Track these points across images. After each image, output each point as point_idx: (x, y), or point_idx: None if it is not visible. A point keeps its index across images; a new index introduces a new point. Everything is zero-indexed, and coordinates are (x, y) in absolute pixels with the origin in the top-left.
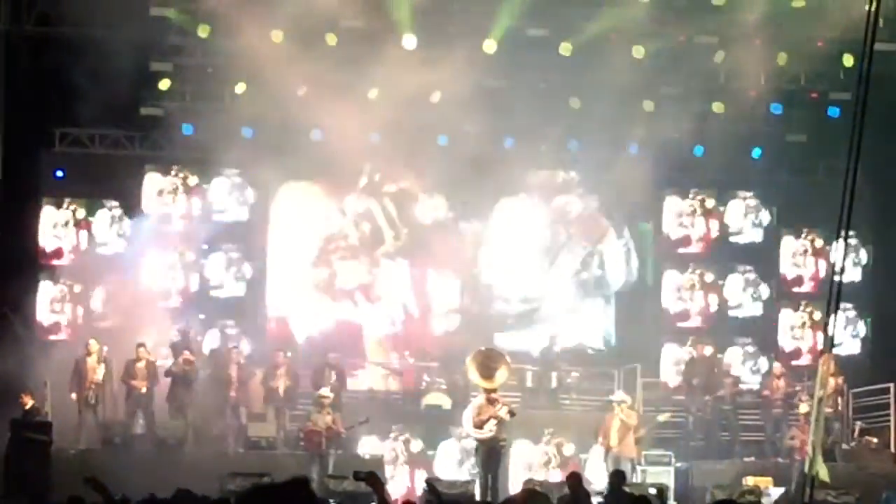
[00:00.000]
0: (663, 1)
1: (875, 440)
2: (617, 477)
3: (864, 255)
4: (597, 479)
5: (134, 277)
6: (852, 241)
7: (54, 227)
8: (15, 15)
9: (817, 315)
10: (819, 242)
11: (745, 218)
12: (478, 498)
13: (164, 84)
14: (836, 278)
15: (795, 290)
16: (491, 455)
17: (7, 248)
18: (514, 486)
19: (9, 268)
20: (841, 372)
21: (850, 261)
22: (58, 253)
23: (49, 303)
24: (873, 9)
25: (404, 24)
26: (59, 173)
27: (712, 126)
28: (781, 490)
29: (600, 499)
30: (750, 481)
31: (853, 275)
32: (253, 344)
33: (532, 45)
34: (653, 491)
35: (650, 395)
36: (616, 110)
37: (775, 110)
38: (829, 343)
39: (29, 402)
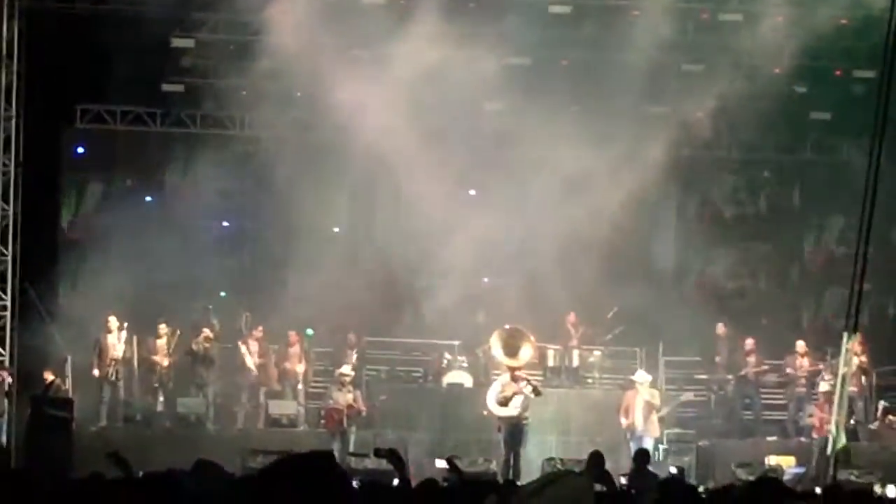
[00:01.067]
0: None
1: None
2: (641, 456)
3: None
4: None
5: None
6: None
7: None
8: None
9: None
10: (841, 221)
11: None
12: (499, 476)
13: (186, 60)
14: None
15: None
16: (514, 433)
17: (28, 225)
18: (535, 464)
19: (30, 244)
20: (865, 351)
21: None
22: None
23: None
24: None
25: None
26: (80, 150)
27: (736, 104)
28: (803, 469)
29: (624, 480)
30: (772, 460)
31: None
32: None
33: (554, 22)
34: (673, 470)
35: (672, 373)
36: (639, 88)
37: (799, 88)
38: (854, 322)
39: (50, 379)
